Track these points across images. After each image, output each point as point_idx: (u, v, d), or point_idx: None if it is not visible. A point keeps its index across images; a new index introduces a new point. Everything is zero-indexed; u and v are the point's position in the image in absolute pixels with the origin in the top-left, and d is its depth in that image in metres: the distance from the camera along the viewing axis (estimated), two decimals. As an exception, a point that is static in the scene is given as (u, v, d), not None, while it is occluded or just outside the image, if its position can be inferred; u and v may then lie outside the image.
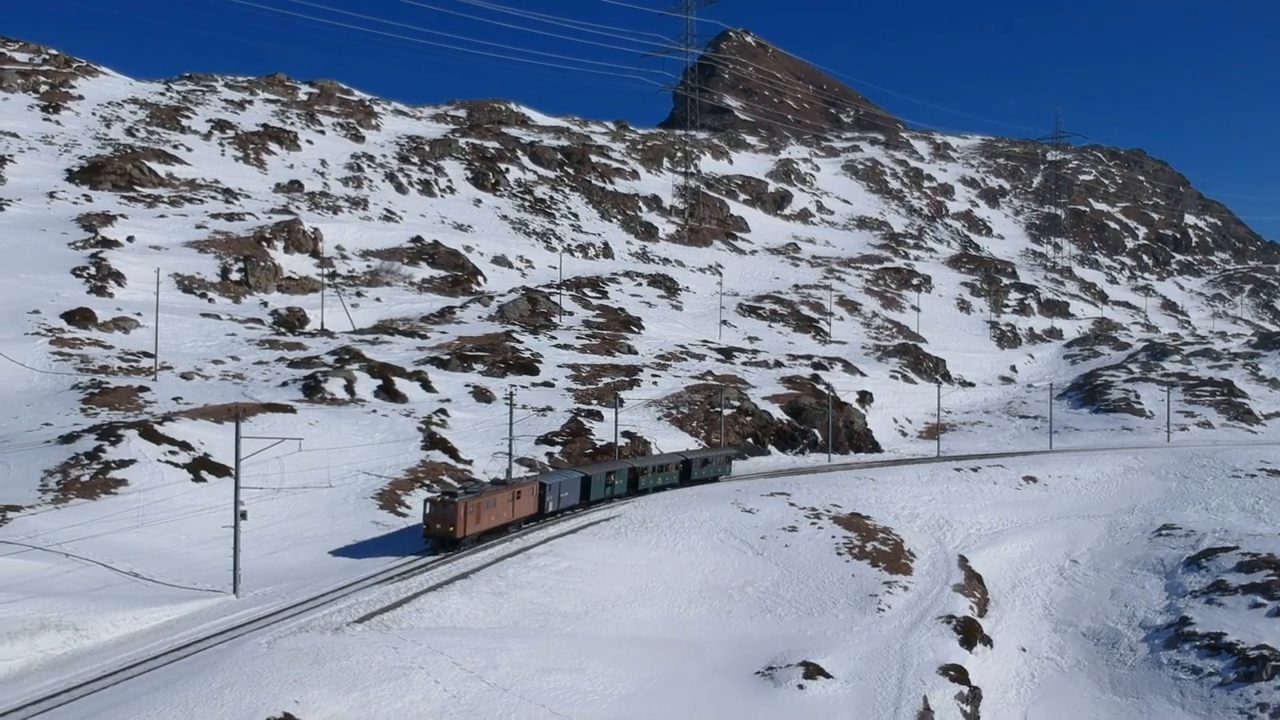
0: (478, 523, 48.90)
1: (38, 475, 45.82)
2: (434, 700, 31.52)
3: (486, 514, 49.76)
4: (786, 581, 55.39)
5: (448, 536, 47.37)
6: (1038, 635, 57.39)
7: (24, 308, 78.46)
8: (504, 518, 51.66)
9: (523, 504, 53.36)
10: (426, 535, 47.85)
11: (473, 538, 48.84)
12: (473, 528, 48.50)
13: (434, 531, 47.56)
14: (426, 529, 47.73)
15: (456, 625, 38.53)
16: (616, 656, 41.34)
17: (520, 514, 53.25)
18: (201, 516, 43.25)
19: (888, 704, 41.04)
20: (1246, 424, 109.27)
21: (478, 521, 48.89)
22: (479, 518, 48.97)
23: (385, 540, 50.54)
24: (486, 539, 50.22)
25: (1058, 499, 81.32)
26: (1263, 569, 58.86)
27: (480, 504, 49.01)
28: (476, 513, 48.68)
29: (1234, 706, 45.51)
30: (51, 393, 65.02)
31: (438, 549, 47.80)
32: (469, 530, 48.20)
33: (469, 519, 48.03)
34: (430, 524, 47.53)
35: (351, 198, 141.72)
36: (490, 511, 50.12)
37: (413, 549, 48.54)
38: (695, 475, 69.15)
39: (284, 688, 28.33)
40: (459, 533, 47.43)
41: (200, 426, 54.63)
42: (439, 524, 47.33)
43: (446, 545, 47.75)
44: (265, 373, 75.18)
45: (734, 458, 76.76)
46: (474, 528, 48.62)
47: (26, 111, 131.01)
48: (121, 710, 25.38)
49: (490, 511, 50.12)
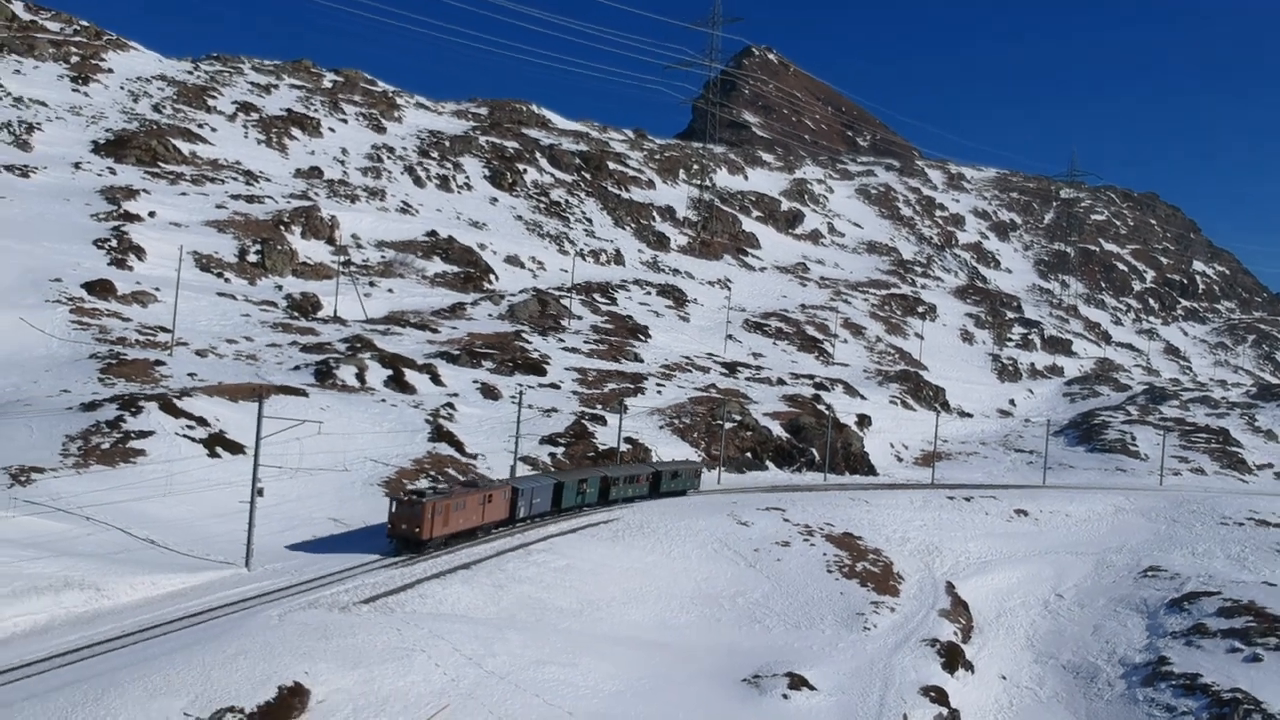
0: (445, 525, 46.83)
1: (59, 440, 47.13)
2: (434, 682, 32.72)
3: (455, 517, 47.72)
4: (776, 594, 56.52)
5: (413, 538, 45.35)
6: (1019, 665, 58.50)
7: (45, 275, 79.85)
8: (473, 521, 49.62)
9: (493, 508, 51.41)
10: (390, 535, 45.73)
11: (439, 540, 46.80)
12: (440, 530, 46.43)
13: (399, 532, 45.43)
14: (391, 529, 45.63)
15: (457, 613, 39.73)
16: (609, 654, 42.52)
17: (490, 518, 51.34)
18: (216, 490, 44.54)
19: (869, 719, 42.17)
20: (1239, 473, 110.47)
21: (445, 524, 46.82)
22: (447, 520, 46.91)
23: (353, 536, 49.13)
24: (454, 543, 48.16)
25: (1048, 534, 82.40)
26: (1243, 615, 59.97)
27: (449, 506, 47.03)
28: (445, 515, 46.63)
29: (1203, 747, 46.63)
30: (69, 360, 66.35)
31: (401, 550, 45.68)
32: (436, 533, 46.16)
33: (436, 521, 45.97)
34: (395, 524, 45.45)
35: (370, 188, 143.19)
36: (459, 514, 48.13)
37: (378, 549, 46.10)
38: (664, 488, 68.18)
39: (294, 659, 29.58)
40: (425, 534, 45.36)
41: (216, 403, 55.95)
42: (404, 524, 45.24)
43: (411, 547, 45.68)
44: (278, 355, 76.50)
45: (701, 472, 74.93)
46: (441, 530, 46.57)
47: (56, 81, 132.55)
48: (142, 668, 26.62)
49: (459, 514, 48.13)
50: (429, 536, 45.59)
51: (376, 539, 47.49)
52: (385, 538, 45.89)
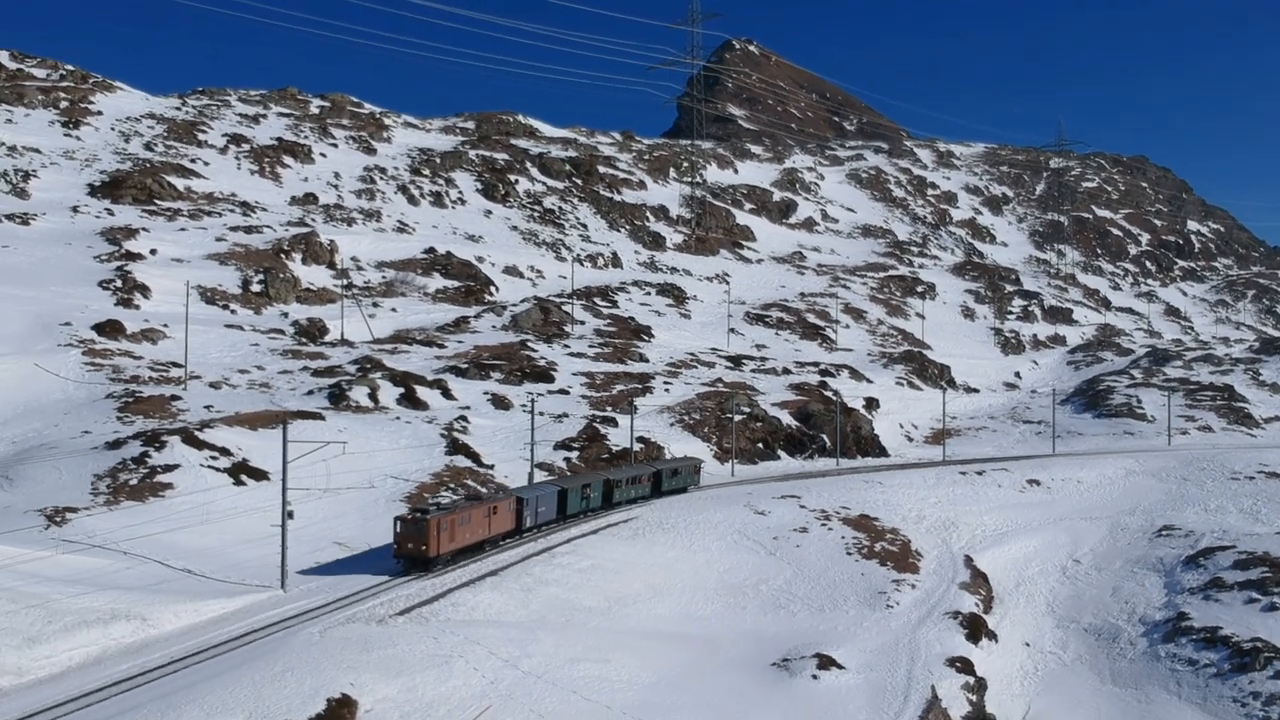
0: (452, 541, 46.02)
1: (88, 479, 48.24)
2: (474, 685, 33.75)
3: (461, 531, 46.89)
4: (798, 580, 57.47)
5: (420, 556, 44.39)
6: (1041, 631, 59.49)
7: (55, 320, 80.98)
8: (480, 534, 48.87)
9: (499, 520, 50.64)
10: (397, 555, 44.73)
11: (447, 556, 46.06)
12: (446, 546, 45.61)
13: (405, 551, 44.47)
14: (397, 549, 44.62)
15: (489, 618, 40.75)
16: (639, 649, 43.52)
17: (497, 530, 50.62)
18: (244, 517, 45.60)
19: (898, 693, 43.12)
20: (1246, 428, 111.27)
21: (452, 539, 46.01)
22: (453, 535, 46.14)
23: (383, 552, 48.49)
24: (461, 558, 47.44)
25: (1061, 501, 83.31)
26: (1258, 566, 60.94)
27: (454, 520, 46.16)
28: (450, 530, 45.79)
29: (1228, 695, 47.57)
30: (86, 401, 67.46)
31: (409, 569, 44.74)
32: (443, 549, 45.37)
33: (442, 537, 45.11)
34: (401, 543, 44.49)
35: (365, 210, 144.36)
36: (465, 529, 47.25)
37: (387, 570, 45.12)
38: (666, 486, 68.22)
39: (339, 671, 30.61)
40: (431, 551, 44.48)
41: (237, 433, 57.06)
42: (410, 543, 44.32)
43: (419, 566, 44.71)
44: (290, 381, 77.58)
45: (700, 468, 74.58)
46: (448, 546, 45.76)
47: (48, 127, 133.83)
48: (196, 691, 27.65)
49: (465, 529, 47.25)
50: (436, 554, 44.84)
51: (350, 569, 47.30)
52: (393, 558, 45.04)
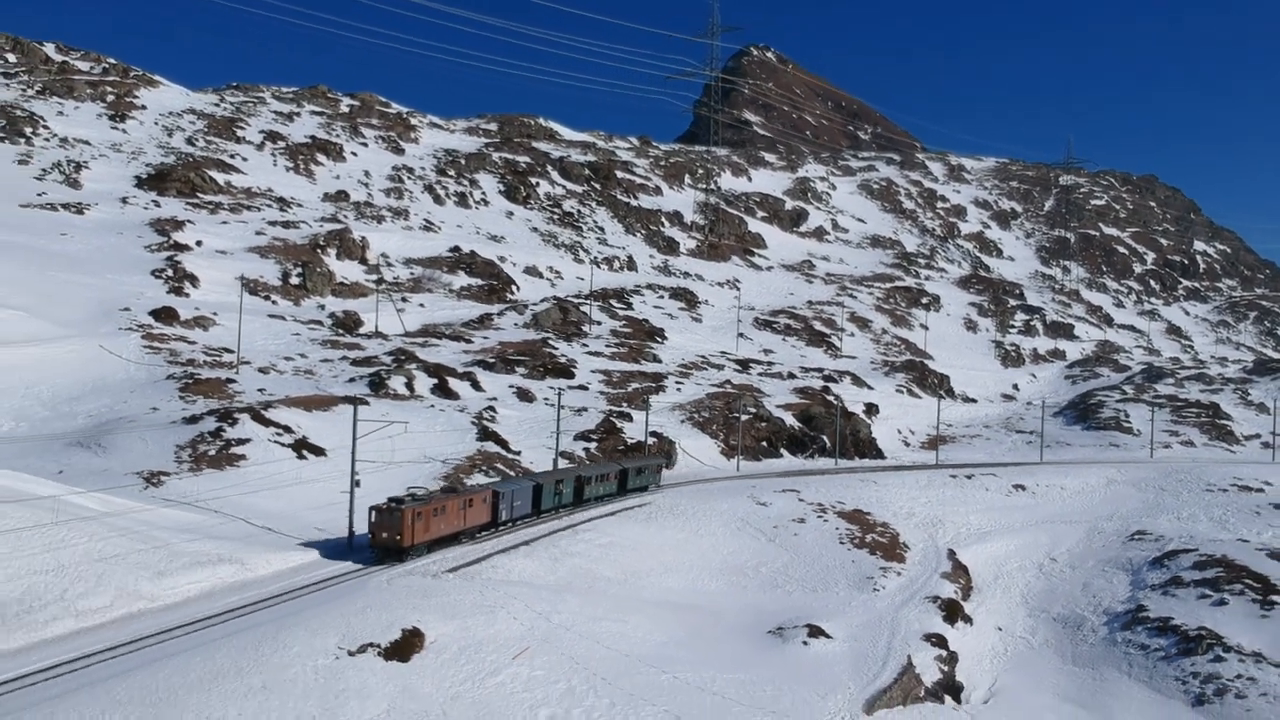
0: (426, 531, 46.87)
1: (171, 449, 54.49)
2: (515, 630, 39.87)
3: (435, 522, 47.74)
4: (795, 564, 63.49)
5: (394, 546, 45.00)
6: (1014, 618, 65.35)
7: (115, 305, 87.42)
8: (455, 526, 49.70)
9: (475, 512, 51.67)
10: (372, 545, 45.31)
11: (422, 547, 46.84)
12: (421, 536, 46.43)
13: (380, 541, 44.99)
14: (373, 538, 45.27)
15: (523, 580, 46.90)
16: (652, 614, 49.57)
17: (473, 522, 51.58)
18: (308, 486, 51.85)
19: (877, 659, 49.09)
20: (1227, 444, 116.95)
21: (426, 530, 46.88)
22: (428, 526, 46.98)
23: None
24: (436, 548, 48.16)
25: (1044, 505, 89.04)
26: (1214, 567, 66.69)
27: (429, 511, 47.02)
28: (425, 521, 46.68)
29: (1171, 675, 53.52)
30: (148, 382, 73.77)
31: (383, 559, 45.03)
32: (418, 539, 46.17)
33: (417, 527, 45.96)
34: (376, 533, 45.08)
35: (394, 208, 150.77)
36: (440, 520, 48.10)
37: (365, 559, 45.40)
38: (631, 484, 70.05)
39: (407, 610, 36.78)
40: (406, 541, 45.19)
41: (295, 413, 63.30)
42: (385, 533, 44.90)
43: (392, 555, 45.14)
44: (332, 369, 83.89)
45: (662, 468, 76.14)
46: (423, 536, 46.59)
47: (96, 120, 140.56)
48: (299, 617, 33.81)
49: (440, 520, 48.10)
50: (410, 544, 45.60)
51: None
52: (368, 548, 45.58)
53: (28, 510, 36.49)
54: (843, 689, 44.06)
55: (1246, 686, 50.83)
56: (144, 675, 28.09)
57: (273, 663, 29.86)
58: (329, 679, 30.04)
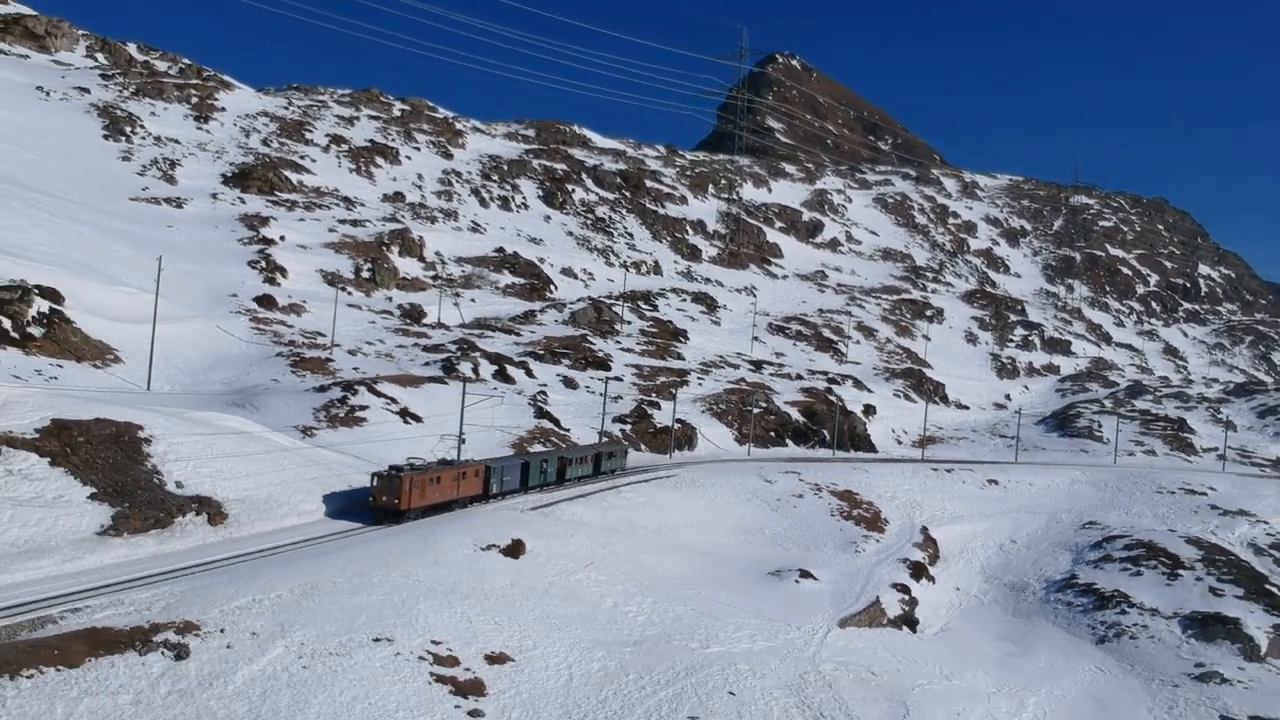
0: (422, 497, 51.17)
1: (309, 410, 69.16)
2: (582, 550, 54.39)
3: (431, 490, 52.05)
4: (792, 529, 77.89)
5: (392, 509, 49.54)
6: (971, 582, 79.60)
7: (224, 291, 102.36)
8: (449, 494, 54.07)
9: (468, 484, 56.27)
10: (373, 508, 49.82)
11: (417, 511, 51.16)
12: (417, 502, 50.72)
13: (380, 504, 49.57)
14: (373, 501, 49.70)
15: (583, 521, 61.48)
16: (679, 555, 64.09)
17: (465, 492, 56.12)
18: (414, 442, 66.55)
19: (853, 596, 63.42)
20: (1185, 455, 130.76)
21: (422, 496, 51.16)
22: (424, 493, 51.30)
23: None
24: (430, 514, 52.52)
25: (1012, 498, 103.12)
26: (1139, 549, 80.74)
27: (425, 480, 51.41)
28: (421, 488, 51.00)
29: (1085, 623, 67.77)
30: (261, 358, 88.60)
31: (382, 520, 49.60)
32: (414, 504, 50.43)
33: (414, 493, 50.30)
34: (377, 496, 49.65)
35: (444, 209, 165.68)
36: (435, 488, 52.48)
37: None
38: (603, 467, 75.76)
39: (511, 529, 51.37)
40: (403, 505, 49.68)
41: (393, 388, 77.98)
42: (385, 496, 49.48)
43: (390, 517, 49.64)
44: (408, 354, 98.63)
45: (628, 452, 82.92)
46: (419, 502, 50.87)
47: (183, 120, 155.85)
48: (444, 526, 48.58)
49: (435, 488, 52.48)
50: (407, 508, 50.08)
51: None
52: (368, 510, 50.44)
53: (251, 443, 51.42)
54: (823, 611, 58.42)
55: (1139, 631, 65.12)
56: (356, 550, 42.86)
57: (436, 549, 44.62)
58: (473, 561, 44.78)
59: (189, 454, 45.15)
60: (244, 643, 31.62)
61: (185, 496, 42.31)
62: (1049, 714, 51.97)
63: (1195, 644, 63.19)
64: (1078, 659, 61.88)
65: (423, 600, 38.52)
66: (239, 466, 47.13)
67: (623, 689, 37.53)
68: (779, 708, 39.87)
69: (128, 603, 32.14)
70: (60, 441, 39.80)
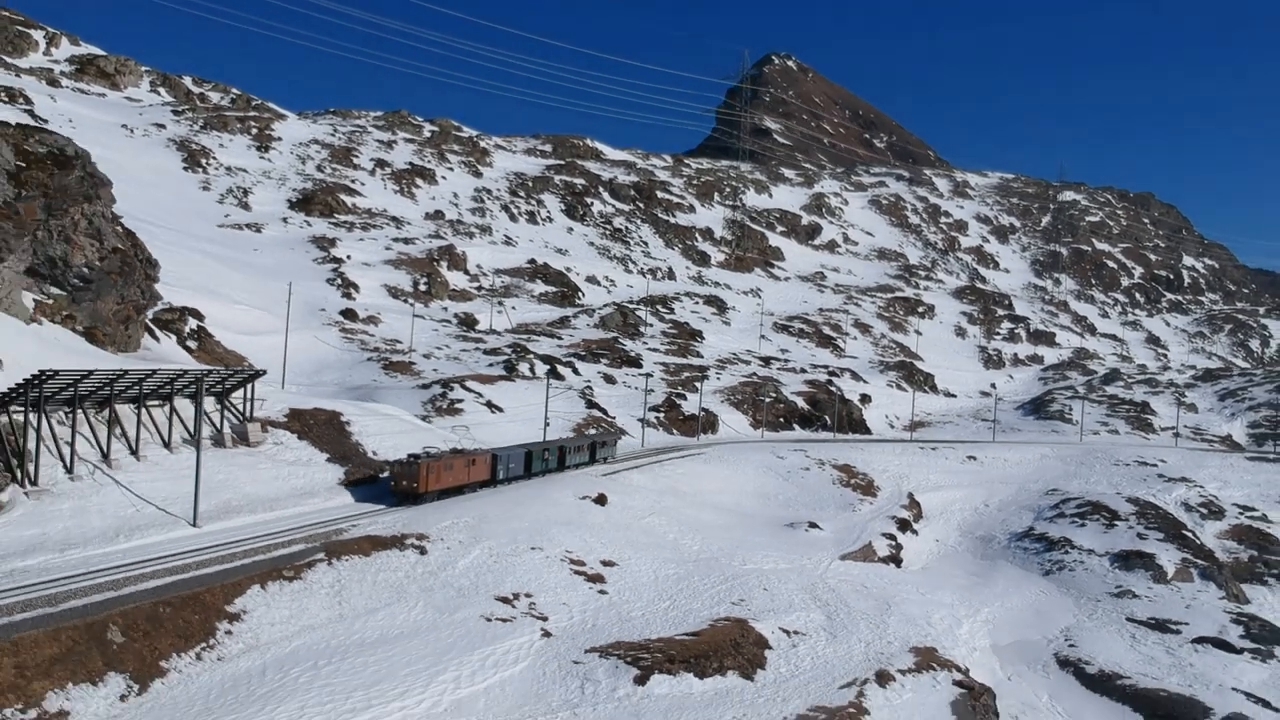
0: (438, 482, 55.68)
1: (418, 403, 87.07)
2: (643, 505, 72.17)
3: (445, 475, 56.75)
4: (801, 495, 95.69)
5: (411, 492, 54.00)
6: (947, 535, 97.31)
7: (315, 306, 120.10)
8: (461, 480, 59.02)
9: (478, 470, 61.68)
10: (393, 491, 54.20)
11: (433, 494, 55.84)
12: (433, 485, 55.20)
13: (400, 488, 53.99)
14: (394, 485, 53.96)
15: (640, 486, 79.29)
16: (713, 510, 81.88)
17: (475, 478, 61.38)
18: (501, 427, 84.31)
19: (850, 540, 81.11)
20: (1144, 434, 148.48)
21: (438, 481, 55.68)
22: (439, 478, 55.93)
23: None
24: (445, 497, 57.35)
25: (988, 471, 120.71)
26: (1087, 507, 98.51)
27: (440, 466, 56.06)
28: (437, 474, 55.61)
29: (1035, 561, 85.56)
30: (354, 363, 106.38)
31: (401, 502, 53.98)
32: (430, 488, 54.85)
33: (430, 478, 54.74)
34: (397, 481, 53.98)
35: (479, 225, 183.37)
36: (449, 474, 57.32)
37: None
38: (597, 456, 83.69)
39: (597, 486, 69.16)
40: (421, 489, 54.14)
41: (477, 385, 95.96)
42: (404, 481, 53.90)
43: (409, 500, 54.03)
44: (471, 357, 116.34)
45: (619, 441, 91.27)
46: (434, 485, 55.29)
47: (246, 150, 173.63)
48: (546, 483, 66.49)
49: (449, 474, 57.32)
50: (425, 490, 54.71)
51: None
52: (389, 493, 55.73)
53: (404, 424, 69.31)
54: (827, 550, 76.12)
55: (1076, 565, 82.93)
56: (499, 496, 60.71)
57: (551, 498, 62.49)
58: (576, 506, 62.65)
59: (374, 431, 62.95)
60: (455, 547, 49.41)
61: (380, 460, 60.15)
62: (998, 617, 69.80)
63: (1119, 573, 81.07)
64: (1026, 585, 79.68)
65: (553, 528, 56.31)
66: (404, 441, 64.96)
67: (691, 584, 55.33)
68: (798, 599, 57.67)
69: (381, 523, 49.93)
70: (300, 423, 57.48)
